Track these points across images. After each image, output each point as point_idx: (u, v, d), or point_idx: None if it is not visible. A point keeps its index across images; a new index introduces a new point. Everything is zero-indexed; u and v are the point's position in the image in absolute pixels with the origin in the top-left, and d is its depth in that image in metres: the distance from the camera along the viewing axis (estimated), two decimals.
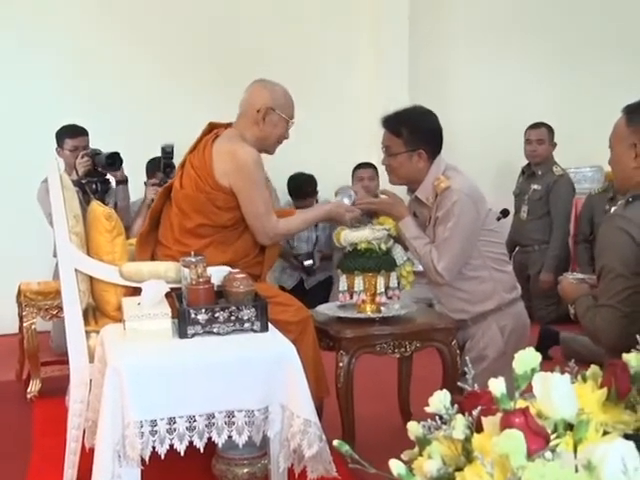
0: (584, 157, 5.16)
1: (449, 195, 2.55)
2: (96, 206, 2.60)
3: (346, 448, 1.14)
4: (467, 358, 2.55)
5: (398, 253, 2.65)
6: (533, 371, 1.12)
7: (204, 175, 2.59)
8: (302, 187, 4.71)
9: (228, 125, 2.71)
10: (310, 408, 2.05)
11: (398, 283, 2.61)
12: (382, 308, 2.61)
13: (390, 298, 2.60)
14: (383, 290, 2.55)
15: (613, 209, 2.08)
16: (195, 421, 2.00)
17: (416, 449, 1.13)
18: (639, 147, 1.96)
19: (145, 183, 4.18)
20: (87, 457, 2.17)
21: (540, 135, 4.69)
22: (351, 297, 2.57)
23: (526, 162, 4.83)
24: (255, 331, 2.22)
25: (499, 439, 0.95)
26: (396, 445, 1.19)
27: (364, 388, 2.79)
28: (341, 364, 2.48)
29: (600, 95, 5.26)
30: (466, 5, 5.34)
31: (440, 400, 1.13)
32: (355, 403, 2.53)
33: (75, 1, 4.69)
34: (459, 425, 1.07)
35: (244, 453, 2.21)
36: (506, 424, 0.98)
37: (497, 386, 1.08)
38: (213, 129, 2.70)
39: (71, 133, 3.91)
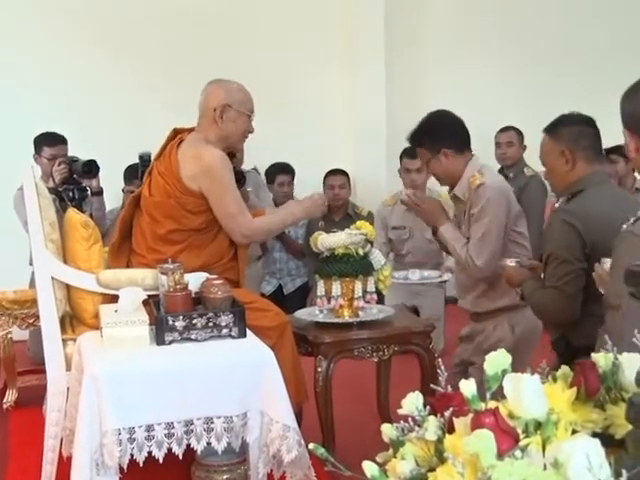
0: None
1: (483, 192, 2.62)
2: (73, 214, 2.59)
3: (321, 451, 1.14)
4: (482, 350, 2.62)
5: (375, 257, 2.67)
6: (504, 372, 1.14)
7: (172, 181, 2.58)
8: (281, 167, 4.72)
9: (191, 129, 2.69)
10: (289, 413, 2.06)
11: (376, 287, 2.64)
12: (360, 312, 2.62)
13: (368, 302, 2.62)
14: (361, 294, 2.57)
15: (556, 205, 2.42)
16: (173, 428, 2.00)
17: (390, 451, 1.14)
18: (567, 152, 2.23)
19: (123, 190, 4.16)
20: (65, 466, 2.16)
21: (509, 138, 4.76)
22: (329, 302, 2.59)
23: (499, 167, 4.88)
24: (233, 337, 2.22)
25: (469, 439, 0.96)
26: (375, 448, 1.20)
27: (343, 393, 2.80)
28: (320, 369, 2.49)
29: (573, 99, 5.30)
30: (439, 16, 5.41)
31: (413, 402, 1.14)
32: (334, 408, 2.54)
33: (54, 11, 4.67)
34: (432, 426, 1.08)
35: (223, 459, 2.21)
36: (476, 424, 1.00)
37: (468, 387, 1.09)
38: (177, 134, 2.69)
39: (50, 141, 3.88)
